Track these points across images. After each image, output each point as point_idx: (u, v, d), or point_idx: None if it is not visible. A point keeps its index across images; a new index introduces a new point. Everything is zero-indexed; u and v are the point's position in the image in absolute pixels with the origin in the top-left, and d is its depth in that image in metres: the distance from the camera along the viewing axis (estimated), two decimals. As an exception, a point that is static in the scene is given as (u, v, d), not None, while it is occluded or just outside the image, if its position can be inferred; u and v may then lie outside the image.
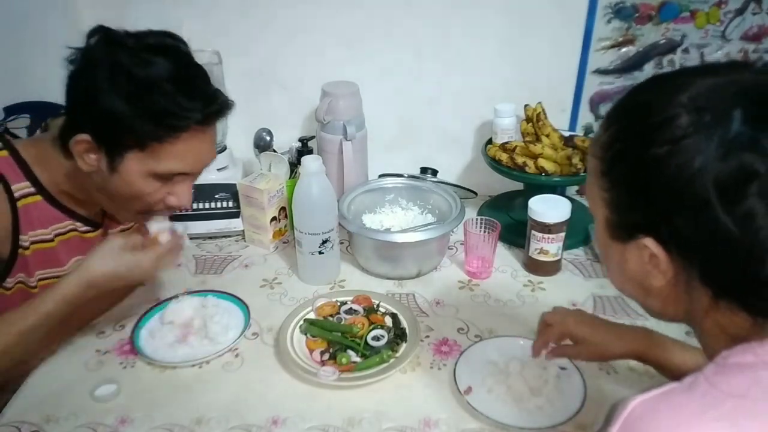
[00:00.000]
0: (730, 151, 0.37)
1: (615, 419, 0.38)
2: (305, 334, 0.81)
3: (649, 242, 0.42)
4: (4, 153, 0.70)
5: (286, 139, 1.14)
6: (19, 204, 0.70)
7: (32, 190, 0.72)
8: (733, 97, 0.38)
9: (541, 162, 1.00)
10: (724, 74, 0.40)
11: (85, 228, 0.79)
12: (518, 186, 1.14)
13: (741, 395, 0.36)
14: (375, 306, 0.86)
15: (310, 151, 1.12)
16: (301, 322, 0.83)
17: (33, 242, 0.73)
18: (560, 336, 0.71)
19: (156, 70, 0.63)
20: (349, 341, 0.79)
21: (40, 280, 0.77)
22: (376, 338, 0.79)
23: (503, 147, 1.06)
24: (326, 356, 0.77)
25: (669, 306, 0.46)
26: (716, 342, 0.43)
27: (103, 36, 0.65)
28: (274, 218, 1.03)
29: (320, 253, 0.92)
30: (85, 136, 0.65)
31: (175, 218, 1.05)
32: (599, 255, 0.52)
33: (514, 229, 1.02)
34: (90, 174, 0.69)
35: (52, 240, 0.75)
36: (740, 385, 0.37)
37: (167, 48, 0.65)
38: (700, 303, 0.43)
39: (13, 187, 0.70)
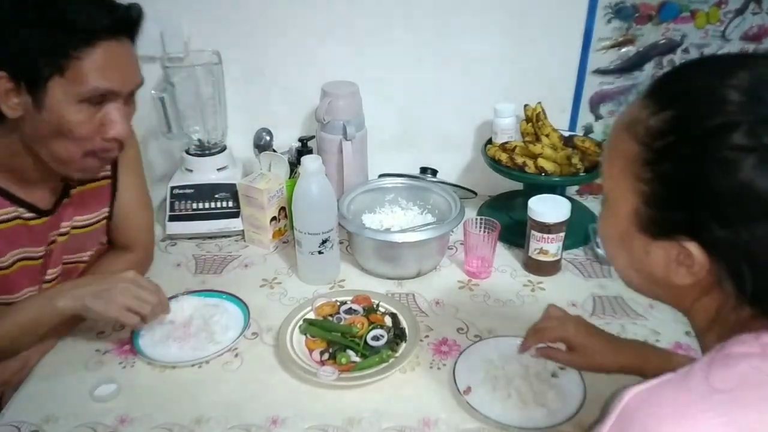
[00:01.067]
0: None
1: (610, 411, 0.38)
2: (305, 335, 0.81)
3: (692, 246, 0.40)
4: None
5: (285, 139, 1.14)
6: None
7: None
8: None
9: (541, 162, 1.00)
10: None
11: (29, 215, 0.74)
12: (518, 186, 1.14)
13: (733, 387, 0.36)
14: (375, 306, 0.86)
15: (310, 151, 1.12)
16: (301, 322, 0.83)
17: None
18: (557, 339, 0.71)
19: None
20: (348, 341, 0.79)
21: None
22: (376, 338, 0.79)
23: (503, 147, 1.06)
24: (326, 356, 0.77)
25: (676, 296, 0.45)
26: (718, 332, 0.42)
27: None
28: (273, 218, 1.03)
29: (320, 252, 0.92)
30: (2, 73, 0.62)
31: (174, 218, 1.06)
32: (602, 237, 0.48)
33: (514, 229, 1.02)
34: (20, 128, 0.66)
35: None
36: (733, 377, 0.37)
37: None
38: (718, 301, 0.42)
39: None
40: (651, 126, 0.41)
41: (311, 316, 0.85)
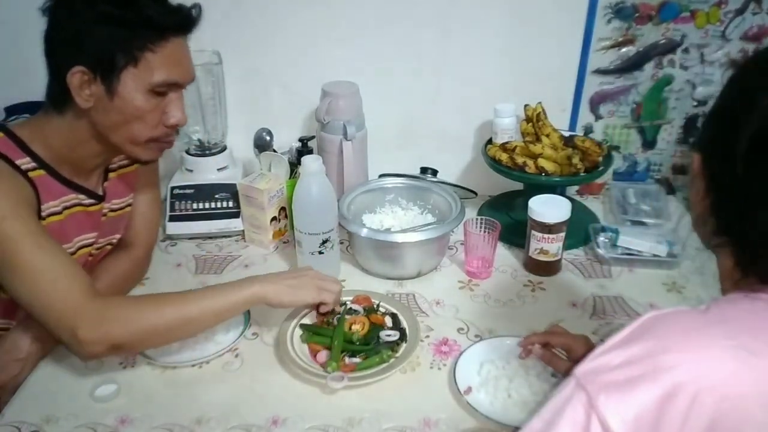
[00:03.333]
0: None
1: (628, 325, 0.42)
2: (306, 343, 0.80)
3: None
4: (0, 134, 0.72)
5: (286, 139, 1.14)
6: (30, 175, 0.72)
7: (34, 164, 0.73)
8: None
9: (541, 162, 1.00)
10: None
11: (88, 201, 0.81)
12: (518, 186, 1.14)
13: (745, 317, 0.41)
14: (375, 306, 0.86)
15: (310, 151, 1.12)
16: (300, 323, 0.83)
17: (48, 215, 0.75)
18: (562, 344, 0.73)
19: None
20: (351, 347, 0.78)
21: None
22: (388, 335, 0.80)
23: (503, 147, 1.06)
24: (327, 356, 0.77)
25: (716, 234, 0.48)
26: (729, 283, 0.46)
27: None
28: (274, 218, 1.03)
29: (320, 253, 0.92)
30: (80, 68, 0.68)
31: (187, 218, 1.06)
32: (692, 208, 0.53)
33: (514, 229, 1.02)
34: (91, 118, 0.72)
35: (61, 212, 0.77)
36: (746, 310, 0.41)
37: None
38: (731, 255, 0.46)
39: (18, 162, 0.72)
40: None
41: (312, 316, 0.85)
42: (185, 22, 0.74)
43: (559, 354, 0.73)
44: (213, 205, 1.07)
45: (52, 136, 0.74)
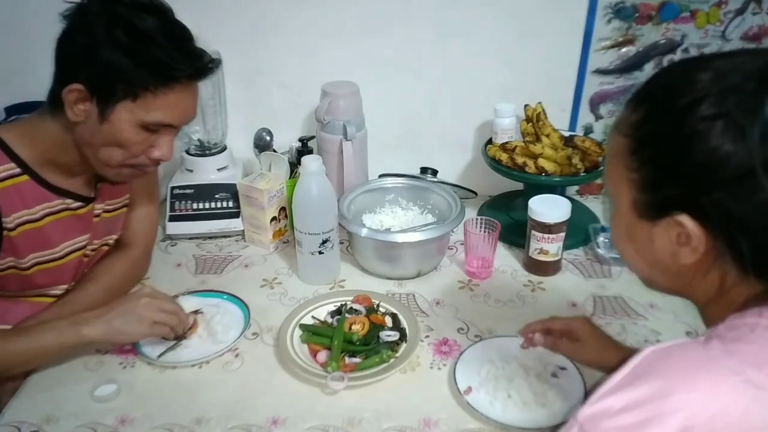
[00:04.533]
0: None
1: (628, 362, 0.40)
2: (306, 343, 0.80)
3: (684, 218, 0.42)
4: None
5: (286, 139, 1.14)
6: (3, 185, 0.71)
7: (17, 171, 0.72)
8: (764, 76, 0.39)
9: (541, 162, 1.00)
10: (747, 54, 0.42)
11: (76, 204, 0.79)
12: (518, 186, 1.14)
13: (747, 349, 0.38)
14: (375, 306, 0.86)
15: (310, 151, 1.12)
16: (300, 324, 0.83)
17: (19, 224, 0.73)
18: (562, 330, 0.72)
19: (152, 23, 0.67)
20: (351, 347, 0.78)
21: (35, 264, 0.77)
22: (388, 335, 0.79)
23: (503, 147, 1.06)
24: (327, 356, 0.77)
25: (686, 283, 0.47)
26: (725, 311, 0.44)
27: None
28: (274, 218, 1.03)
29: (320, 253, 0.92)
30: (78, 86, 0.67)
31: (175, 219, 1.06)
32: (613, 239, 0.51)
33: (514, 229, 1.02)
34: (76, 129, 0.71)
35: (39, 220, 0.75)
36: (747, 340, 0.39)
37: (157, 7, 0.70)
38: (721, 278, 0.44)
39: None
40: (632, 120, 0.45)
41: (315, 315, 0.85)
42: (197, 74, 0.72)
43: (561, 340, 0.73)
44: (213, 205, 1.07)
45: (42, 137, 0.73)
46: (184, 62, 0.69)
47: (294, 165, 1.08)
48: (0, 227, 0.72)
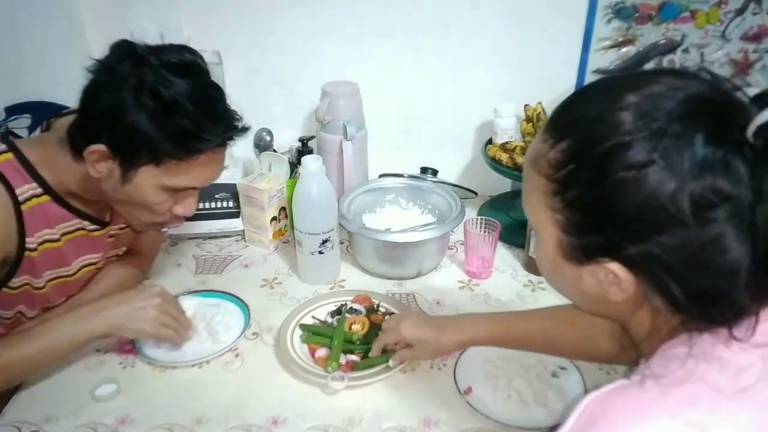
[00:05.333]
0: (702, 174, 0.36)
1: (572, 414, 0.39)
2: (306, 343, 0.80)
3: (614, 266, 0.41)
4: (9, 155, 0.70)
5: (286, 139, 1.14)
6: (25, 207, 0.70)
7: (39, 191, 0.72)
8: (688, 114, 0.37)
9: (541, 162, 1.00)
10: (667, 82, 0.39)
11: (92, 227, 0.79)
12: (518, 186, 1.14)
13: (681, 386, 0.38)
14: (375, 306, 0.86)
15: (310, 151, 1.12)
16: (300, 324, 0.83)
17: (40, 243, 0.73)
18: (396, 340, 0.74)
19: (180, 89, 0.64)
20: (351, 346, 0.78)
21: (49, 280, 0.77)
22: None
23: (503, 147, 1.06)
24: (326, 353, 0.77)
25: (615, 313, 0.46)
26: (656, 339, 0.44)
27: (127, 51, 0.66)
28: (274, 218, 1.03)
29: (320, 252, 0.92)
30: (101, 147, 0.66)
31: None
32: (539, 265, 0.50)
33: (514, 229, 1.02)
34: (99, 180, 0.70)
35: (58, 240, 0.75)
36: (680, 377, 0.38)
37: (189, 67, 0.67)
38: (650, 311, 0.43)
39: (18, 190, 0.70)
40: (551, 158, 0.42)
41: (315, 315, 0.85)
42: (228, 139, 0.70)
43: (403, 349, 0.74)
44: (213, 205, 1.07)
45: (62, 169, 0.71)
46: (212, 131, 0.67)
47: (294, 165, 1.08)
48: (23, 248, 0.71)
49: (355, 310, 0.85)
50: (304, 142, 1.12)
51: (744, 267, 0.37)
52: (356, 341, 0.79)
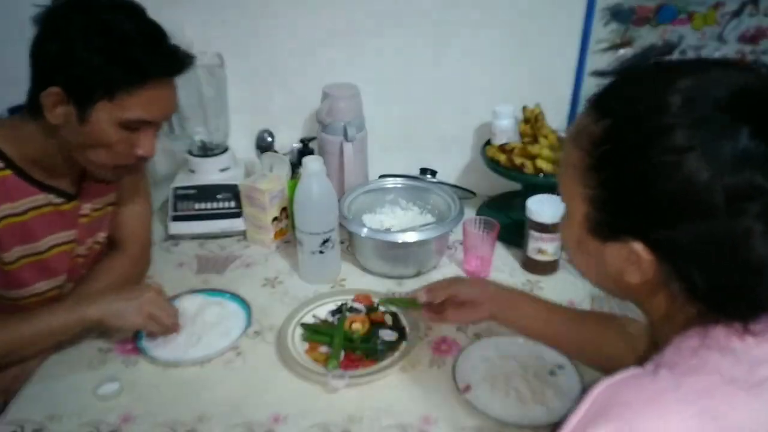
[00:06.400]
0: (741, 167, 0.36)
1: (584, 401, 0.39)
2: (307, 342, 0.81)
3: (639, 247, 0.41)
4: None
5: (287, 140, 1.15)
6: None
7: (1, 164, 0.73)
8: (735, 105, 0.37)
9: (539, 162, 1.00)
10: (717, 72, 0.39)
11: (60, 200, 0.80)
12: (517, 186, 1.14)
13: (695, 377, 0.38)
14: (375, 305, 0.87)
15: (311, 152, 1.12)
16: (302, 330, 0.83)
17: (2, 217, 0.74)
18: (445, 297, 0.74)
19: (125, 23, 0.68)
20: (350, 345, 0.79)
21: (20, 257, 0.77)
22: (388, 334, 0.80)
23: (502, 148, 1.07)
24: (327, 350, 0.78)
25: (632, 294, 0.47)
26: (670, 326, 0.44)
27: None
28: (275, 218, 1.04)
29: (321, 252, 0.92)
30: (56, 89, 0.68)
31: (179, 219, 1.07)
32: (563, 242, 0.51)
33: (513, 229, 1.02)
34: (59, 132, 0.72)
35: (23, 214, 0.76)
36: (693, 368, 0.39)
37: (130, 7, 0.71)
38: (668, 298, 0.43)
39: None
40: (592, 133, 0.42)
41: (315, 314, 0.86)
42: (172, 71, 0.72)
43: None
44: (215, 205, 1.07)
45: (24, 139, 0.74)
46: (159, 59, 0.70)
47: (295, 166, 1.09)
48: None
49: (356, 309, 0.85)
50: (305, 143, 1.13)
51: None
52: (356, 339, 0.79)
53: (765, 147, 0.36)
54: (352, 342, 0.79)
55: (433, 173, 1.16)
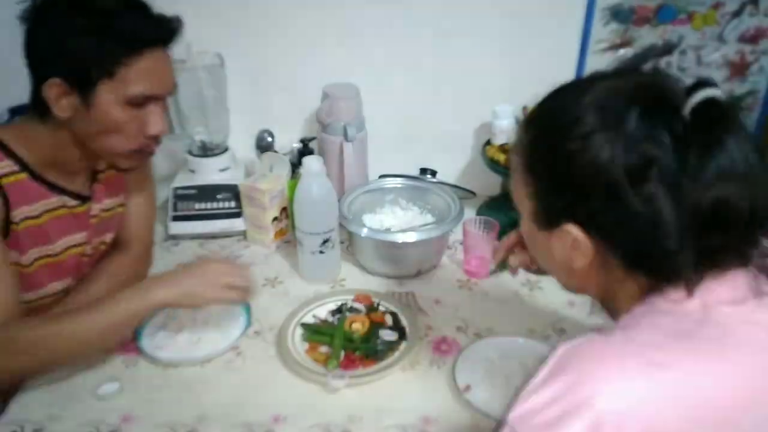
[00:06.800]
0: (632, 142, 0.42)
1: (546, 362, 0.43)
2: (306, 342, 0.81)
3: (571, 227, 0.47)
4: None
5: (287, 140, 1.15)
6: (3, 182, 0.72)
7: (15, 168, 0.73)
8: (629, 97, 0.44)
9: (540, 163, 1.00)
10: (618, 77, 0.47)
11: (74, 203, 0.80)
12: (510, 187, 1.14)
13: (648, 333, 0.43)
14: (375, 305, 0.87)
15: (311, 152, 1.13)
16: (303, 330, 0.83)
17: (21, 219, 0.75)
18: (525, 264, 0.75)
19: (109, 1, 0.69)
20: (350, 345, 0.79)
21: (36, 259, 0.78)
22: (388, 335, 0.81)
23: (502, 148, 1.07)
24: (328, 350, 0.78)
25: (588, 283, 0.52)
26: (626, 305, 0.49)
27: None
28: (275, 218, 1.04)
29: (321, 252, 0.93)
30: (55, 80, 0.68)
31: (186, 219, 1.07)
32: (527, 246, 0.58)
33: (513, 229, 1.02)
34: (70, 126, 0.72)
35: (39, 216, 0.76)
36: (643, 328, 0.44)
37: None
38: (614, 276, 0.49)
39: None
40: (525, 142, 0.52)
41: (316, 313, 0.86)
42: (163, 35, 0.73)
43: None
44: (215, 205, 1.07)
45: (35, 140, 0.74)
46: (148, 26, 0.70)
47: (295, 166, 1.09)
48: (8, 220, 0.73)
49: (356, 309, 0.86)
50: (305, 143, 1.13)
51: (673, 226, 0.42)
52: (357, 340, 0.79)
53: (652, 124, 0.42)
54: (352, 342, 0.79)
55: (433, 173, 1.16)
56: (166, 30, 0.73)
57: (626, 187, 0.42)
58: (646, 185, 0.42)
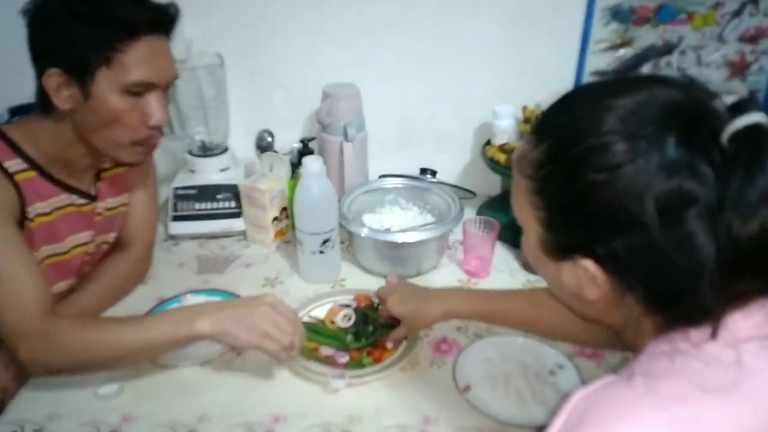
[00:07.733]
0: (669, 177, 0.37)
1: (560, 412, 0.40)
2: (306, 342, 0.81)
3: (588, 263, 0.42)
4: None
5: (287, 140, 1.15)
6: (17, 178, 0.73)
7: (25, 166, 0.74)
8: (663, 119, 0.38)
9: (540, 163, 1.00)
10: (644, 88, 0.41)
11: (81, 201, 0.81)
12: (508, 187, 1.14)
13: (667, 382, 0.39)
14: (375, 305, 0.87)
15: (311, 152, 1.13)
16: (303, 329, 0.83)
17: (36, 215, 0.75)
18: (390, 316, 0.78)
19: None
20: (342, 345, 0.79)
21: (45, 258, 0.78)
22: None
23: (502, 148, 1.07)
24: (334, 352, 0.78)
25: (603, 313, 0.47)
26: (640, 337, 0.45)
27: None
28: (275, 218, 1.04)
29: (321, 252, 0.93)
30: (54, 70, 0.69)
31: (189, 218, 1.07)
32: (532, 265, 0.51)
33: (513, 229, 1.00)
34: (72, 119, 0.72)
35: (50, 213, 0.77)
36: (667, 377, 0.39)
37: None
38: (630, 312, 0.44)
39: (5, 164, 0.72)
40: (533, 158, 0.44)
41: (317, 313, 0.86)
42: (158, 21, 0.72)
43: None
44: (215, 205, 1.07)
45: (42, 137, 0.75)
46: (141, 10, 0.70)
47: (295, 166, 1.09)
48: (23, 216, 0.73)
49: (347, 306, 0.86)
50: (305, 143, 1.13)
51: (709, 267, 0.38)
52: (349, 343, 0.79)
53: (690, 154, 0.37)
54: (348, 344, 0.79)
55: (433, 173, 1.16)
56: (160, 14, 0.72)
57: (658, 225, 0.38)
58: (681, 223, 0.37)
